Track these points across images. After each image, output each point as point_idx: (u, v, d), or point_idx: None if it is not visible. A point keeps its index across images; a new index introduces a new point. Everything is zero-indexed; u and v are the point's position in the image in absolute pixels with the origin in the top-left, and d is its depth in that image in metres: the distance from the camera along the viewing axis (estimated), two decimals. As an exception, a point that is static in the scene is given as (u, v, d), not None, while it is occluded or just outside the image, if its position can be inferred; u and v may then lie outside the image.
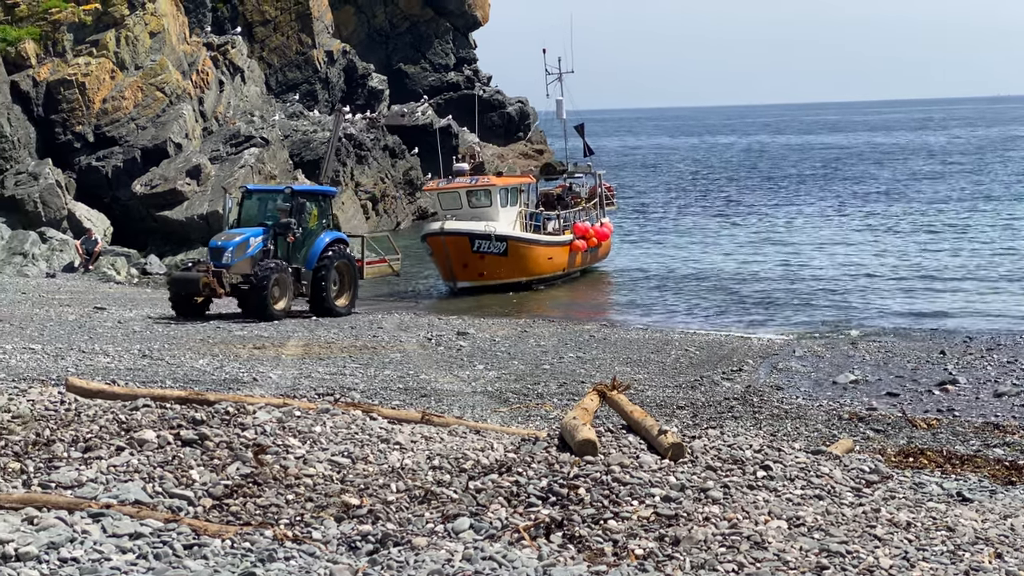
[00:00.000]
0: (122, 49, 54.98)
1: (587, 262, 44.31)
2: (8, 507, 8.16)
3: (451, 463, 10.26)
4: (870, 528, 9.05)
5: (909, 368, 22.90)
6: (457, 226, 38.70)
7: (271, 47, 71.65)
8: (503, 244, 39.06)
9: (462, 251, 38.45)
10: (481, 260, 38.84)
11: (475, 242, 38.65)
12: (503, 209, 40.32)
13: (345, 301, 31.57)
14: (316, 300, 30.97)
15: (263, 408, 11.26)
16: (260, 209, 31.32)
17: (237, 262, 29.68)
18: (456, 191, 40.67)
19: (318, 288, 30.79)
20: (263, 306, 29.27)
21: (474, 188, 40.59)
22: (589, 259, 44.37)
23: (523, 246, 40.05)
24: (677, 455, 10.62)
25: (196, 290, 29.44)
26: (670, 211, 69.42)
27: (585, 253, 43.41)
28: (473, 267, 38.80)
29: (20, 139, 50.82)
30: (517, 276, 39.89)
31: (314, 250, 30.87)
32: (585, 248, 43.14)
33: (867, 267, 43.10)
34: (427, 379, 20.55)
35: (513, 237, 39.66)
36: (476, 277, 38.96)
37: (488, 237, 38.70)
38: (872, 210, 65.25)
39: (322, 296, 30.79)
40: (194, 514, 8.62)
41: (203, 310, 30.27)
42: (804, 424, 16.91)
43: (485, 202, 40.28)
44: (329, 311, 30.81)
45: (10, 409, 11.24)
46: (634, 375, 21.05)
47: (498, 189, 40.65)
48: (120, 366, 20.80)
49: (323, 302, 30.84)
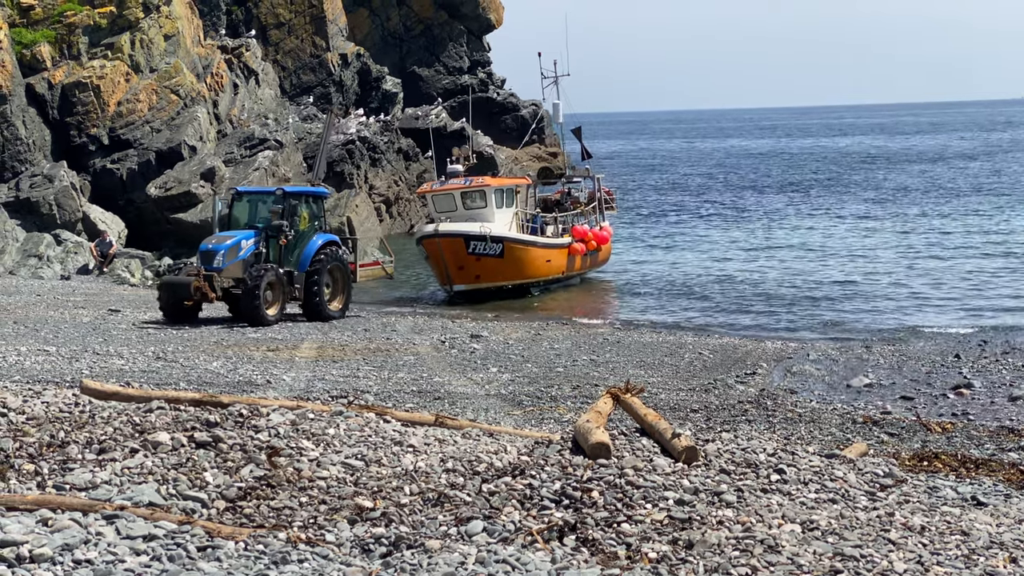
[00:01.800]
0: (137, 52, 55.14)
1: (586, 266, 43.47)
2: (23, 508, 8.19)
3: (464, 466, 10.26)
4: (884, 532, 9.02)
5: (923, 372, 22.84)
6: (452, 228, 37.78)
7: (285, 50, 71.79)
8: (499, 245, 38.06)
9: (457, 253, 37.43)
10: (477, 262, 37.82)
11: (470, 243, 37.62)
12: (498, 210, 39.50)
13: (338, 305, 31.09)
14: (309, 304, 30.42)
15: (277, 410, 11.27)
16: (251, 211, 30.74)
17: (228, 266, 29.07)
18: (450, 193, 39.85)
19: (311, 291, 30.24)
20: (255, 311, 28.69)
21: (468, 189, 39.74)
22: (588, 263, 43.50)
23: (520, 248, 39.06)
24: (691, 458, 10.60)
25: (187, 295, 28.77)
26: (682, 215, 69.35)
27: (584, 257, 42.58)
28: (469, 269, 37.82)
29: (35, 141, 51.00)
30: (514, 279, 39.02)
31: (306, 253, 30.27)
32: (584, 252, 42.30)
33: (883, 270, 43.00)
34: (441, 382, 20.55)
35: (509, 238, 38.71)
36: (472, 280, 38.02)
37: (483, 238, 37.71)
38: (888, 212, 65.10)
39: (315, 300, 30.27)
40: (208, 516, 8.63)
41: (194, 315, 29.56)
42: (818, 428, 16.87)
43: (480, 203, 39.47)
44: (321, 315, 30.29)
45: (25, 411, 11.27)
46: (648, 378, 21.03)
47: (493, 190, 39.86)
48: (134, 368, 20.84)
49: (316, 306, 30.32)
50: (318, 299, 30.32)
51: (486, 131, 77.43)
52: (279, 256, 29.92)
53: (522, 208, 41.31)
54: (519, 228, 40.20)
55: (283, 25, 71.84)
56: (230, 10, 70.47)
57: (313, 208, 31.17)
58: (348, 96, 73.21)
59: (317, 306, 30.36)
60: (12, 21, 53.78)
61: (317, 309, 30.37)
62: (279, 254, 29.93)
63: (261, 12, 71.38)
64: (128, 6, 55.61)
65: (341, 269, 31.11)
